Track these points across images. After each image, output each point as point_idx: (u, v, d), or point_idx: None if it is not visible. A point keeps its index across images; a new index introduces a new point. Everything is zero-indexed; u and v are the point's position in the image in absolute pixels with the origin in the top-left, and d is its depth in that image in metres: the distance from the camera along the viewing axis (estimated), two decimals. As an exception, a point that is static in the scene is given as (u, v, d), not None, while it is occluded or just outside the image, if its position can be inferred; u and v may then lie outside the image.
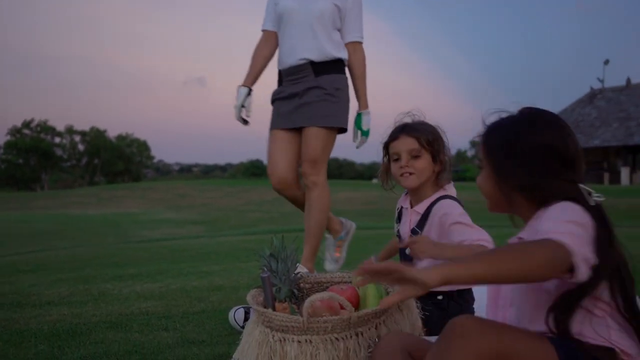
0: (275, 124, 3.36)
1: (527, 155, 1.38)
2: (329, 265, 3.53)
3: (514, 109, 1.51)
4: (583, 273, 1.18)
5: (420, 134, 2.24)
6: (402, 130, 2.28)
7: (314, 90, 3.27)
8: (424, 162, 2.24)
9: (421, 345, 1.49)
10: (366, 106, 3.39)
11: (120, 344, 2.34)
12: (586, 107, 33.43)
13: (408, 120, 2.34)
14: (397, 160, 2.28)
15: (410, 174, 2.24)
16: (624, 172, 30.43)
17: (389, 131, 2.34)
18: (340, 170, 58.22)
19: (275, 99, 3.39)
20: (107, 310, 2.99)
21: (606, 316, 1.30)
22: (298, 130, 3.30)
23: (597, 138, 30.50)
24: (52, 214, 22.14)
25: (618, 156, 31.23)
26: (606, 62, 36.33)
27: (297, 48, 3.31)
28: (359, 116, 3.37)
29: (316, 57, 3.27)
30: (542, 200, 1.37)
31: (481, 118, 1.54)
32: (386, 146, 2.34)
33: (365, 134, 3.39)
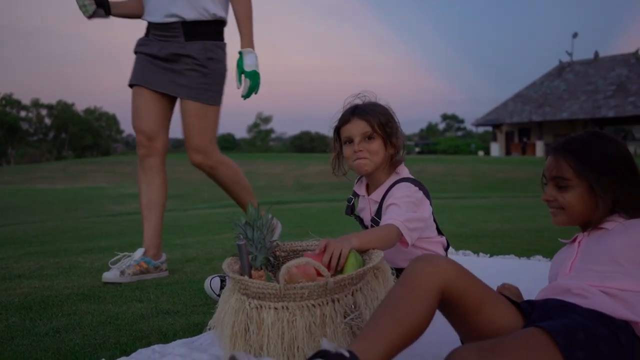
0: (140, 80, 2.98)
1: (618, 170, 1.57)
2: (108, 274, 2.92)
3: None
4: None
5: (372, 117, 2.17)
6: (354, 113, 2.19)
7: (184, 59, 2.89)
8: (377, 146, 2.18)
9: (467, 277, 1.44)
10: (249, 45, 2.88)
11: (94, 316, 2.31)
12: (555, 80, 33.84)
13: (358, 102, 2.26)
14: (349, 143, 2.20)
15: (364, 158, 2.18)
16: (591, 145, 30.99)
17: (339, 115, 2.26)
18: (313, 144, 58.14)
19: (139, 51, 3.01)
20: (79, 283, 2.95)
21: None
22: (165, 94, 2.97)
23: (565, 111, 30.95)
24: (19, 188, 21.72)
25: (585, 129, 31.78)
26: (575, 35, 36.72)
27: (165, 1, 2.85)
28: (239, 56, 2.87)
29: (189, 14, 2.84)
30: (629, 209, 1.57)
31: (549, 145, 1.68)
32: (337, 130, 2.25)
33: (251, 75, 2.83)
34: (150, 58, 2.96)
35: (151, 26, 2.98)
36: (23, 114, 59.41)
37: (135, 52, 3.04)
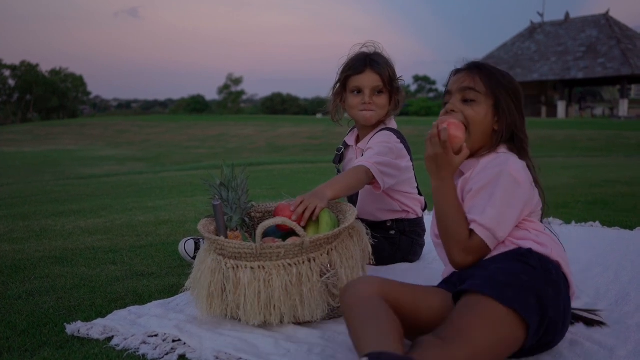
0: None
1: (518, 100, 1.65)
2: None
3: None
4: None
5: (384, 71, 2.22)
6: (368, 64, 2.23)
7: None
8: (384, 100, 2.25)
9: (396, 293, 1.48)
10: None
11: (67, 278, 2.30)
12: (526, 42, 33.91)
13: (366, 50, 2.30)
14: (357, 93, 2.24)
15: (372, 110, 2.23)
16: (561, 106, 31.37)
17: (349, 62, 2.28)
18: (284, 106, 57.71)
19: None
20: (51, 246, 2.92)
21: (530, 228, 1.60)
22: None
23: (536, 72, 31.14)
24: (-16, 152, 21.20)
25: (555, 90, 32.08)
26: (546, -5, 36.67)
27: None
28: None
29: None
30: (518, 141, 1.64)
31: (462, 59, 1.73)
32: (346, 77, 2.27)
33: None
34: None
35: None
36: (-16, 75, 57.50)
37: None
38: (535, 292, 1.39)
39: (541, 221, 1.67)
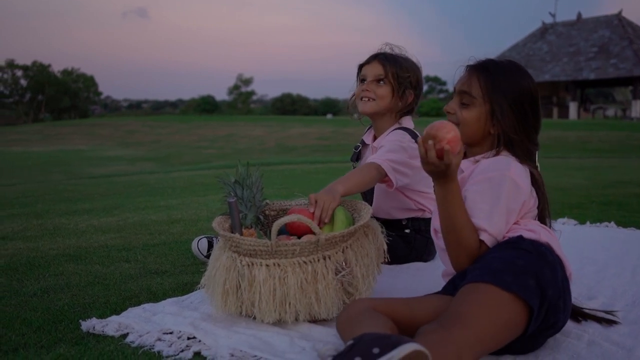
0: None
1: (523, 105, 1.60)
2: None
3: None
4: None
5: (390, 65, 2.27)
6: (376, 56, 2.33)
7: None
8: (385, 91, 2.27)
9: (389, 305, 1.51)
10: None
11: (81, 276, 2.31)
12: (537, 42, 33.76)
13: (387, 49, 2.37)
14: (362, 83, 2.33)
15: (370, 99, 2.26)
16: (572, 107, 31.19)
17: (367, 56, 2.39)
18: (294, 106, 57.75)
19: None
20: (65, 244, 2.93)
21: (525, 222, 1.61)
22: None
23: (547, 73, 30.97)
24: (-4, 151, 21.34)
25: (567, 91, 31.90)
26: (558, -4, 36.54)
27: None
28: None
29: None
30: (518, 150, 1.61)
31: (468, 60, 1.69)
32: (360, 69, 2.38)
33: None
34: None
35: None
36: (-3, 75, 57.90)
37: None
38: (533, 275, 1.41)
39: (550, 222, 1.69)
